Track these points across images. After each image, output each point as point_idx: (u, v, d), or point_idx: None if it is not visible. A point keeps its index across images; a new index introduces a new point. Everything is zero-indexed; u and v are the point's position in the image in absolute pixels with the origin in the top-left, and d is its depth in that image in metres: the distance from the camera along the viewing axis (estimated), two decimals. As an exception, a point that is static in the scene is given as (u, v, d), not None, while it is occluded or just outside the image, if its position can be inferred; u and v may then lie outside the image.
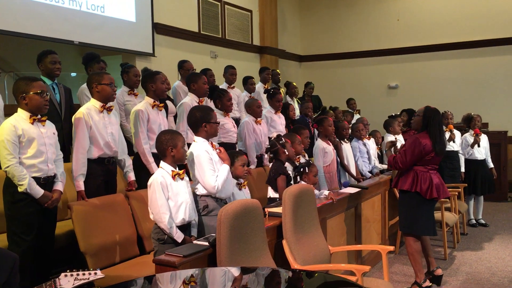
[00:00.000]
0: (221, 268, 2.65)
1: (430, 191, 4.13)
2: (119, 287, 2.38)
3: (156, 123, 4.33)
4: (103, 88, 3.89)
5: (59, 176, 3.57)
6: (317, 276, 2.46)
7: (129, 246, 3.67)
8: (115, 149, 3.99)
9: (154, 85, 4.38)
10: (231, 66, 6.71)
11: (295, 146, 4.50)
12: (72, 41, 6.24)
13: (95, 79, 3.93)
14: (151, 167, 4.18)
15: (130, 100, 5.13)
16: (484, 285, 4.54)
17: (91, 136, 3.82)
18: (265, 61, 9.93)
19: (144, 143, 4.23)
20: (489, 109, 9.51)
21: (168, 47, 7.66)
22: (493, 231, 6.57)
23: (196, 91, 5.02)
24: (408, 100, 9.79)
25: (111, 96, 3.97)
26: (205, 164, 3.43)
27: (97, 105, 3.91)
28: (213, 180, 3.40)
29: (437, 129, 4.18)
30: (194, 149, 3.49)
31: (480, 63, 9.96)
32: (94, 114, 3.87)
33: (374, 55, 10.97)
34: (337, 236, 4.31)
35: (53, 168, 3.51)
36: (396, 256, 5.54)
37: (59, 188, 3.54)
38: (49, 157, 3.45)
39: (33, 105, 3.38)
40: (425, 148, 4.11)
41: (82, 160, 3.77)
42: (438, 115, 4.26)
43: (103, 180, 3.94)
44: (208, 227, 3.40)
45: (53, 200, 3.44)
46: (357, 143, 6.20)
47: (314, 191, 3.81)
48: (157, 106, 4.42)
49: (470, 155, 6.92)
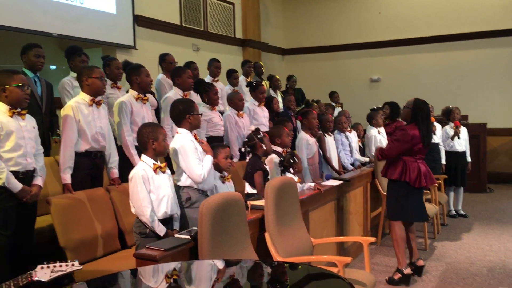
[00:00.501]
0: (204, 261, 2.63)
1: (418, 180, 4.26)
2: (100, 281, 2.35)
3: (139, 115, 4.31)
4: (93, 81, 3.87)
5: (38, 171, 3.51)
6: (300, 268, 2.47)
7: (110, 240, 3.64)
8: (103, 143, 3.96)
9: (139, 77, 4.35)
10: (215, 59, 6.69)
11: (283, 138, 4.52)
12: (50, 33, 6.12)
13: (85, 73, 3.90)
14: (134, 160, 4.16)
15: (113, 93, 5.07)
16: (464, 274, 4.62)
17: (79, 130, 3.81)
18: (248, 54, 9.89)
19: (127, 135, 4.21)
20: (469, 101, 9.65)
21: (149, 40, 7.57)
22: (472, 222, 6.68)
23: (180, 85, 5.00)
24: (389, 93, 9.86)
25: (101, 90, 3.95)
26: (191, 154, 3.44)
27: (86, 98, 3.89)
28: (199, 169, 3.42)
29: (425, 121, 4.32)
30: (179, 140, 3.50)
31: (460, 56, 10.08)
32: (83, 107, 3.85)
33: (356, 48, 11.02)
34: (319, 228, 4.33)
35: (33, 162, 3.45)
36: (377, 247, 5.59)
37: (39, 183, 3.49)
38: (28, 151, 3.39)
39: (13, 98, 3.32)
40: (413, 139, 4.24)
41: (70, 153, 3.75)
42: (426, 107, 4.37)
43: (89, 174, 3.92)
44: (191, 219, 3.39)
45: (32, 194, 3.39)
46: (339, 136, 6.24)
47: (296, 183, 3.82)
48: (141, 99, 4.40)
49: (451, 147, 7.02)
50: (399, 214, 4.40)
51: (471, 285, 4.35)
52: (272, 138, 4.57)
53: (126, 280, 2.33)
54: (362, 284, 3.17)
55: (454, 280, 4.48)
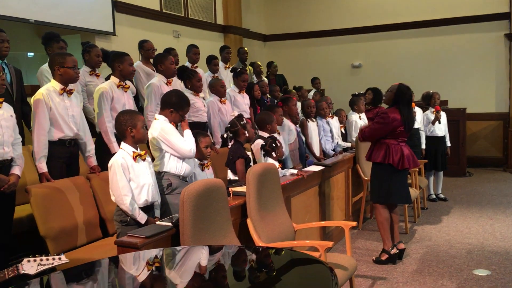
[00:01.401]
0: (186, 247, 2.63)
1: (401, 162, 4.35)
2: (80, 269, 2.33)
3: (120, 102, 4.26)
4: (66, 71, 3.76)
5: (16, 160, 3.44)
6: (281, 253, 2.48)
7: (92, 229, 3.61)
8: (76, 131, 3.88)
9: (121, 65, 4.29)
10: (194, 45, 6.60)
11: (273, 125, 4.58)
12: (27, 20, 5.98)
13: (57, 61, 3.77)
14: (113, 147, 4.12)
15: (92, 80, 4.99)
16: (443, 256, 4.71)
17: (51, 118, 3.72)
18: (229, 40, 9.82)
19: (107, 122, 4.16)
20: (449, 87, 9.77)
21: (129, 26, 7.46)
22: (452, 205, 6.79)
23: (163, 72, 4.95)
24: (371, 79, 9.93)
25: (74, 79, 3.87)
26: (174, 133, 3.46)
27: (57, 87, 3.78)
28: (186, 144, 3.45)
29: (406, 106, 4.40)
30: (157, 125, 3.48)
31: (440, 41, 10.17)
32: (54, 95, 3.75)
33: (338, 34, 11.03)
34: (301, 213, 4.36)
35: (10, 151, 3.37)
36: (359, 231, 5.66)
37: (17, 172, 3.42)
38: (5, 140, 3.31)
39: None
40: (393, 122, 4.32)
41: (44, 141, 3.67)
42: (408, 92, 4.46)
43: (65, 162, 3.85)
44: (173, 206, 3.38)
45: (10, 184, 3.31)
46: (320, 122, 6.26)
47: (278, 169, 3.83)
48: (122, 87, 4.35)
49: (431, 132, 7.10)
50: (383, 196, 4.48)
51: (450, 267, 4.44)
52: (263, 124, 4.57)
53: (104, 268, 2.31)
54: (343, 268, 3.21)
55: (434, 262, 4.56)
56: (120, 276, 2.27)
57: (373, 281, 4.16)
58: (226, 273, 2.21)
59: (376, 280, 4.17)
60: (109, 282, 2.17)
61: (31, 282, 2.02)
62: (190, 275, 2.19)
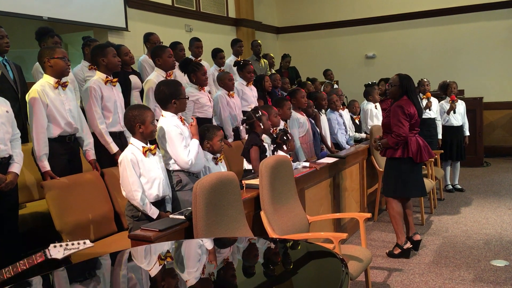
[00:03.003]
0: (199, 240, 2.63)
1: (420, 154, 4.28)
2: (91, 262, 2.35)
3: (110, 100, 4.08)
4: (56, 62, 3.65)
5: (15, 157, 3.35)
6: (293, 244, 2.47)
7: (106, 223, 3.64)
8: (75, 126, 3.79)
9: (106, 59, 4.05)
10: (196, 38, 6.44)
11: (271, 118, 4.46)
12: (41, 17, 6.04)
13: (46, 53, 3.66)
14: (111, 148, 4.00)
15: (91, 75, 4.83)
16: (460, 247, 4.65)
17: (49, 114, 3.61)
18: (242, 33, 9.79)
19: (100, 123, 3.98)
20: (465, 76, 9.61)
21: (141, 21, 7.47)
22: (469, 196, 6.70)
23: (162, 66, 4.72)
24: (385, 69, 9.82)
25: (65, 71, 3.73)
26: (176, 139, 3.36)
27: (51, 81, 3.67)
28: (186, 155, 3.36)
29: (415, 94, 4.36)
30: (163, 125, 3.41)
31: (456, 30, 10.00)
32: (49, 91, 3.64)
33: (351, 25, 10.93)
34: (315, 206, 4.34)
35: (7, 148, 3.28)
36: (375, 223, 5.62)
37: (15, 170, 3.32)
38: (0, 137, 3.21)
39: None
40: (410, 113, 4.25)
41: (43, 139, 3.57)
42: (412, 81, 4.39)
43: (67, 159, 3.77)
44: (183, 202, 3.37)
45: (7, 182, 3.22)
46: (334, 115, 6.18)
47: (291, 161, 3.81)
48: (110, 82, 4.11)
49: (447, 122, 7.00)
50: (399, 190, 4.40)
51: (467, 257, 4.38)
52: None
53: (106, 265, 2.31)
54: (358, 260, 3.19)
55: (451, 253, 4.51)
56: (133, 270, 2.28)
57: (389, 272, 4.13)
58: (237, 266, 2.20)
59: (392, 272, 4.14)
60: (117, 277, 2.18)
61: (32, 280, 2.02)
62: (203, 268, 2.19)
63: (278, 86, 6.73)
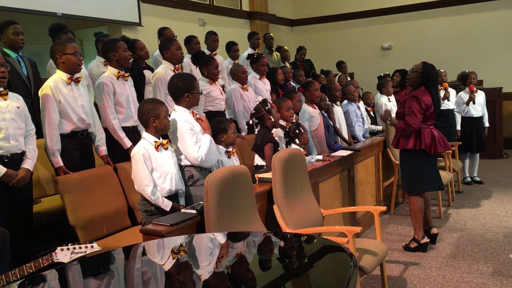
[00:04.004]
0: (210, 234, 2.61)
1: (434, 146, 4.18)
2: (105, 256, 2.35)
3: (123, 95, 4.06)
4: (68, 58, 3.64)
5: (27, 153, 3.37)
6: (303, 239, 2.43)
7: (120, 218, 3.65)
8: (88, 122, 3.79)
9: (116, 53, 4.03)
10: (213, 32, 6.43)
11: (282, 112, 4.41)
12: (55, 13, 6.08)
13: (58, 49, 3.65)
14: (124, 143, 3.99)
15: (106, 71, 4.97)
16: (479, 241, 4.56)
17: (62, 111, 3.62)
18: (255, 26, 9.74)
19: (112, 119, 3.96)
20: (483, 66, 9.42)
21: (154, 16, 7.48)
22: (488, 188, 6.58)
23: (169, 59, 4.65)
24: (402, 60, 9.65)
25: (77, 66, 3.71)
26: (186, 135, 3.33)
27: (63, 77, 3.66)
28: (196, 151, 3.32)
29: (435, 85, 4.23)
30: (176, 119, 3.39)
31: (473, 19, 9.79)
32: (62, 87, 3.63)
33: (366, 16, 10.78)
34: (330, 199, 4.29)
35: (18, 144, 3.28)
36: (391, 216, 5.55)
37: (27, 166, 3.33)
38: (10, 133, 3.22)
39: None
40: (426, 104, 4.15)
41: (56, 135, 3.58)
42: (434, 71, 4.26)
43: (79, 154, 3.78)
44: (195, 197, 3.35)
45: (19, 178, 3.24)
46: (352, 107, 6.10)
47: (304, 155, 3.77)
48: (123, 77, 4.08)
49: (466, 113, 6.87)
50: (414, 184, 4.32)
51: (486, 251, 4.30)
52: None
53: (119, 259, 2.31)
54: (373, 253, 3.14)
55: (469, 246, 4.43)
56: (145, 264, 2.27)
57: (405, 266, 4.07)
58: (251, 260, 2.18)
59: (408, 266, 4.08)
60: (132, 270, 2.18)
61: (46, 274, 2.03)
62: (217, 262, 2.17)
63: (289, 79, 6.68)
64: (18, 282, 1.93)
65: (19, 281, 1.94)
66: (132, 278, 2.04)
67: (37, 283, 2.00)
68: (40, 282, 2.01)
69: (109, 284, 1.97)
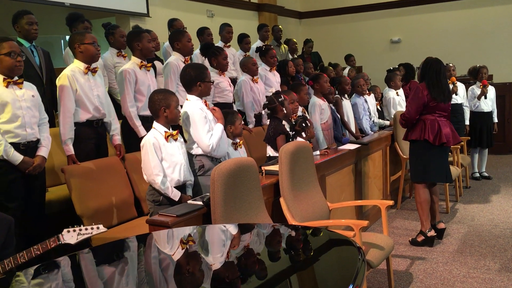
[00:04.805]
0: (222, 226, 2.61)
1: (438, 137, 4.18)
2: (116, 244, 2.37)
3: (144, 84, 4.14)
4: (86, 47, 3.70)
5: (42, 141, 3.42)
6: (310, 231, 2.42)
7: (127, 208, 3.66)
8: (103, 111, 3.85)
9: (140, 43, 4.14)
10: (227, 24, 6.51)
11: (303, 96, 4.45)
12: (63, 3, 6.08)
13: (77, 39, 3.73)
14: (139, 131, 4.05)
15: (120, 62, 4.97)
16: (486, 236, 4.53)
17: (78, 99, 3.67)
18: (264, 18, 9.69)
19: (130, 106, 4.05)
20: (494, 60, 9.31)
21: (162, 7, 7.46)
22: (496, 184, 6.53)
23: (180, 50, 4.71)
24: (411, 54, 9.59)
25: (96, 56, 3.78)
26: (199, 123, 3.35)
27: (81, 66, 3.72)
28: (207, 139, 3.35)
29: (434, 77, 4.21)
30: (188, 108, 3.42)
31: (484, 12, 9.68)
32: (79, 76, 3.69)
33: (375, 9, 10.69)
34: (336, 193, 4.27)
35: (34, 132, 3.35)
36: (398, 211, 5.53)
37: (42, 154, 3.39)
38: (26, 121, 3.28)
39: (4, 67, 3.21)
40: (426, 96, 4.16)
41: (69, 123, 3.63)
42: (436, 64, 4.25)
43: (94, 143, 3.83)
44: (205, 187, 3.36)
45: (35, 166, 3.30)
46: (360, 100, 6.07)
47: (311, 148, 3.75)
48: (145, 66, 4.19)
49: (477, 107, 6.80)
50: (420, 174, 4.33)
51: (493, 247, 4.27)
52: None
53: (133, 246, 2.33)
54: (379, 248, 3.13)
55: (476, 242, 4.40)
56: (154, 254, 2.27)
57: (412, 261, 4.05)
58: (257, 252, 2.17)
59: (414, 260, 4.06)
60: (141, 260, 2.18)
61: (60, 260, 2.06)
62: (224, 253, 2.17)
63: (300, 71, 6.66)
64: (35, 267, 1.95)
65: (35, 266, 1.96)
66: (146, 267, 2.05)
67: (52, 268, 2.03)
68: (54, 268, 2.03)
69: (123, 271, 1.99)
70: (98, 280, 1.94)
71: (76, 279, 1.96)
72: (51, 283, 1.90)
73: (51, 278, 1.94)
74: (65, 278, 1.96)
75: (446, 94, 4.24)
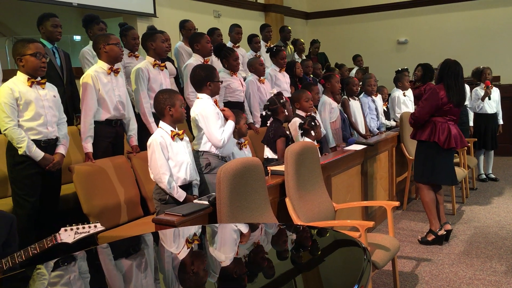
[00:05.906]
0: (225, 225, 2.62)
1: (448, 141, 4.19)
2: (123, 242, 2.39)
3: (157, 82, 4.26)
4: (111, 48, 3.83)
5: (61, 139, 3.55)
6: (315, 231, 2.43)
7: (133, 207, 3.68)
8: (123, 112, 3.97)
9: (154, 43, 4.29)
10: (237, 24, 6.58)
11: (301, 102, 4.48)
12: (71, 3, 6.10)
13: (102, 40, 3.86)
14: (151, 127, 4.15)
15: (131, 62, 5.03)
16: (492, 238, 4.51)
17: (99, 99, 3.80)
18: (270, 19, 9.69)
19: (144, 103, 4.18)
20: (501, 61, 9.27)
21: (169, 7, 7.48)
22: (503, 186, 6.50)
23: (200, 51, 4.93)
24: (418, 55, 9.54)
25: (119, 56, 3.92)
26: (212, 118, 3.43)
27: (104, 67, 3.85)
28: (219, 134, 3.42)
29: (452, 79, 4.19)
30: (200, 104, 3.49)
31: (491, 14, 9.63)
32: (102, 76, 3.81)
33: (382, 10, 10.65)
34: (342, 193, 4.27)
35: (54, 130, 3.48)
36: (403, 212, 5.51)
37: (61, 151, 3.53)
38: (48, 120, 3.41)
39: (30, 67, 3.31)
40: (442, 99, 4.15)
41: (89, 122, 3.75)
42: (455, 66, 4.25)
43: (111, 142, 3.94)
44: (211, 185, 3.39)
45: (55, 163, 3.43)
46: (366, 99, 6.09)
47: (317, 148, 3.75)
48: (158, 66, 4.33)
49: (481, 109, 6.77)
50: (427, 176, 4.34)
51: (500, 249, 4.25)
52: (292, 103, 4.49)
53: (149, 242, 2.36)
54: (385, 248, 3.12)
55: (483, 244, 4.38)
56: (160, 252, 2.29)
57: (417, 262, 4.04)
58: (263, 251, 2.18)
59: (420, 262, 4.05)
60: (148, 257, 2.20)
61: (77, 254, 2.10)
62: (230, 252, 2.17)
63: (309, 72, 6.68)
64: (54, 260, 1.98)
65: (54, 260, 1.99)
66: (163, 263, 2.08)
67: (70, 261, 2.07)
68: (72, 261, 2.07)
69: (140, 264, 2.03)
70: (117, 273, 1.98)
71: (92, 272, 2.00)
72: (70, 274, 1.95)
73: (69, 270, 1.99)
74: (82, 270, 2.02)
75: (462, 98, 4.24)
